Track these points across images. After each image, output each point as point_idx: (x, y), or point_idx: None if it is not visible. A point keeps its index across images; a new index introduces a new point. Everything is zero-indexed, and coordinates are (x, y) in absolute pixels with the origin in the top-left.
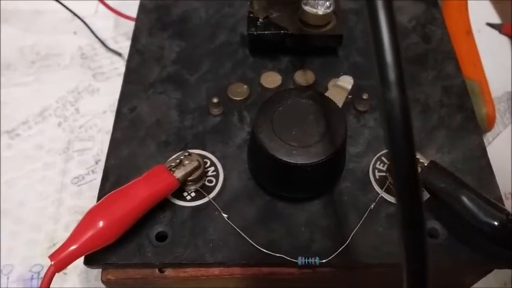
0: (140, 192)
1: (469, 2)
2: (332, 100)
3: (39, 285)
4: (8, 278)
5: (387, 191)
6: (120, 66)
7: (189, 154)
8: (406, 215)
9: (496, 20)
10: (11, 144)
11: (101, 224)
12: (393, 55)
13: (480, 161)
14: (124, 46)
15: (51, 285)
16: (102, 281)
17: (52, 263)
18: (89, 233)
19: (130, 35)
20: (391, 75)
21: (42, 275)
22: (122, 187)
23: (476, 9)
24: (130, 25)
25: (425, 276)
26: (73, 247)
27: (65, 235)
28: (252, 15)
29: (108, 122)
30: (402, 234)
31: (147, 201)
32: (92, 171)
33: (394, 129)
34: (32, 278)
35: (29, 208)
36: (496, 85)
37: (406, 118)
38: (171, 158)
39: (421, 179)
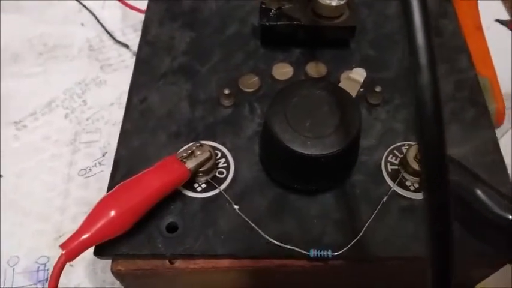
0: (152, 182)
1: None
2: (346, 91)
3: (49, 275)
4: (13, 269)
5: (399, 185)
6: (128, 58)
7: (201, 145)
8: (434, 203)
9: (505, 16)
10: (18, 136)
11: (112, 213)
12: (425, 38)
13: (493, 155)
14: (131, 38)
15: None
16: (112, 272)
17: (63, 252)
18: (101, 223)
19: (138, 27)
20: (423, 58)
21: (48, 266)
22: (134, 177)
23: (486, 5)
24: (138, 17)
25: (450, 265)
26: (84, 236)
27: (72, 226)
28: (264, 6)
29: (115, 114)
30: (430, 226)
31: (158, 192)
32: (99, 163)
33: (424, 115)
34: (37, 270)
35: (35, 199)
36: (505, 82)
37: (436, 103)
38: (182, 149)
39: None
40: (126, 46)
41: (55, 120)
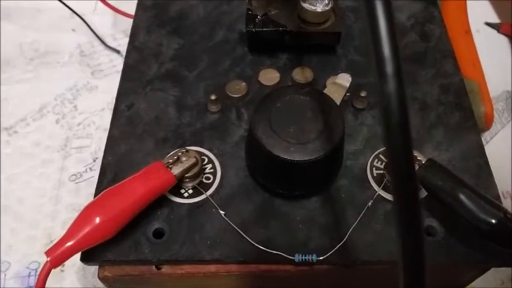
0: (137, 188)
1: (467, 2)
2: (330, 97)
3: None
4: (5, 275)
5: (385, 189)
6: (119, 63)
7: (187, 151)
8: (403, 210)
9: (495, 19)
10: (9, 141)
11: (97, 220)
12: (390, 48)
13: (478, 160)
14: (123, 44)
15: (48, 282)
16: (99, 278)
17: (48, 259)
18: (86, 229)
19: (129, 32)
20: (389, 68)
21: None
22: (119, 183)
23: (475, 8)
24: (129, 22)
25: (423, 277)
26: (69, 243)
27: (63, 232)
28: (250, 12)
29: (106, 119)
30: (399, 233)
31: (144, 198)
32: (90, 168)
33: (390, 122)
34: (29, 275)
35: (26, 205)
36: (495, 84)
37: (402, 111)
38: (168, 155)
39: (418, 176)
40: (117, 51)
41: (46, 126)
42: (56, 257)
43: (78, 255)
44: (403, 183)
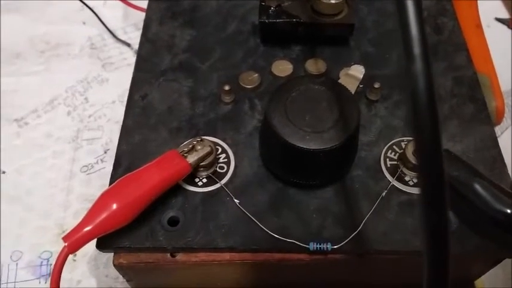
0: (153, 176)
1: None
2: (345, 86)
3: (52, 268)
4: (17, 264)
5: (398, 180)
6: (129, 56)
7: (202, 140)
8: (430, 186)
9: (505, 15)
10: (19, 133)
11: (114, 206)
12: (418, 29)
13: (492, 151)
14: (133, 37)
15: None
16: (114, 265)
17: (66, 244)
18: (103, 215)
19: (140, 25)
20: (416, 48)
21: (51, 261)
22: (135, 171)
23: (486, 4)
24: (140, 15)
25: (447, 257)
26: (87, 228)
27: (74, 222)
28: (263, 3)
29: (117, 112)
30: (423, 208)
31: (159, 185)
32: (101, 160)
33: (418, 104)
34: (41, 265)
35: (38, 196)
36: (505, 79)
37: (431, 91)
38: (183, 144)
39: None
40: (128, 45)
41: (57, 118)
42: (73, 242)
43: (91, 245)
44: (432, 165)
